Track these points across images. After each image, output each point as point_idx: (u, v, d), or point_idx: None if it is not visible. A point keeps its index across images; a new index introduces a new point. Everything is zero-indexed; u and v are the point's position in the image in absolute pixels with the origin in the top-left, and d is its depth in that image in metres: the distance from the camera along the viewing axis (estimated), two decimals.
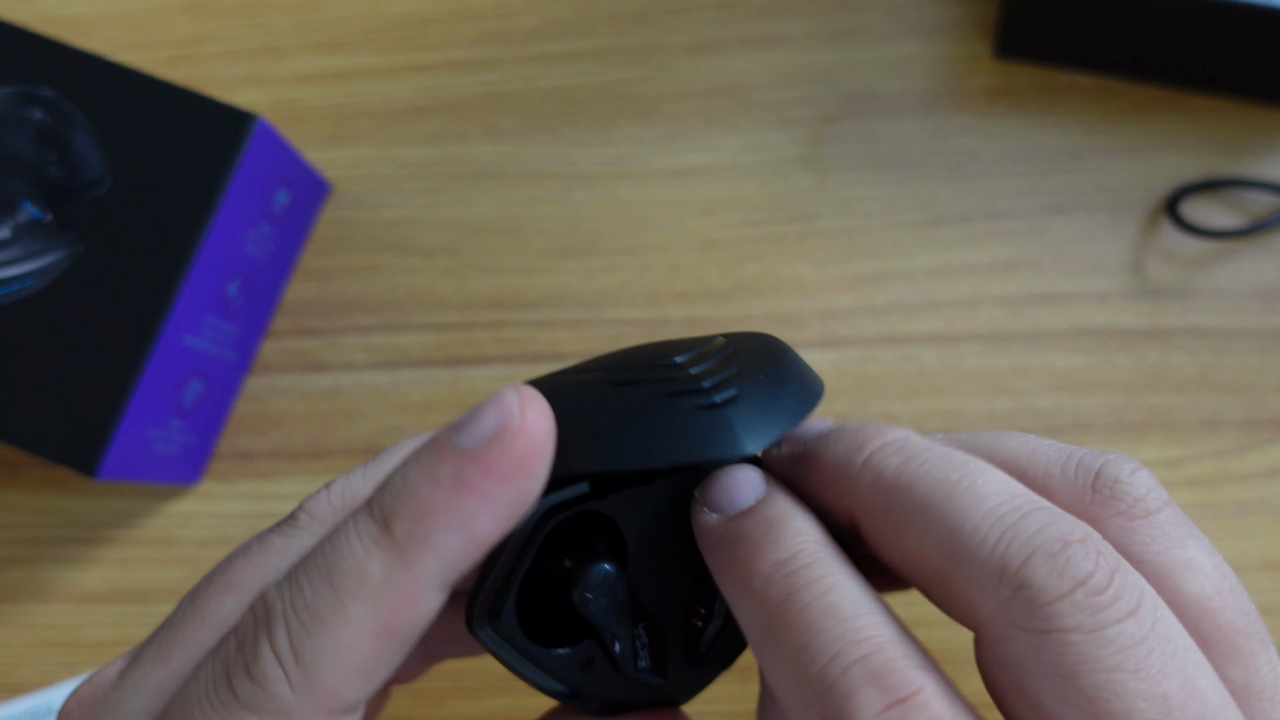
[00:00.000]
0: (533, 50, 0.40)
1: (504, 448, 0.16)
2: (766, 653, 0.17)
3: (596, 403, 0.20)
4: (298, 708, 0.16)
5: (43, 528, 0.37)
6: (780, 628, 0.16)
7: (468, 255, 0.39)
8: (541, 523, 0.20)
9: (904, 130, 0.39)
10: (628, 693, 0.21)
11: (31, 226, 0.32)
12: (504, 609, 0.20)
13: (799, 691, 0.16)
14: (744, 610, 0.18)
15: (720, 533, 0.19)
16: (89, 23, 0.42)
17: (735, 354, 0.21)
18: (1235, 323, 0.37)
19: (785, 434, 0.19)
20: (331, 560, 0.16)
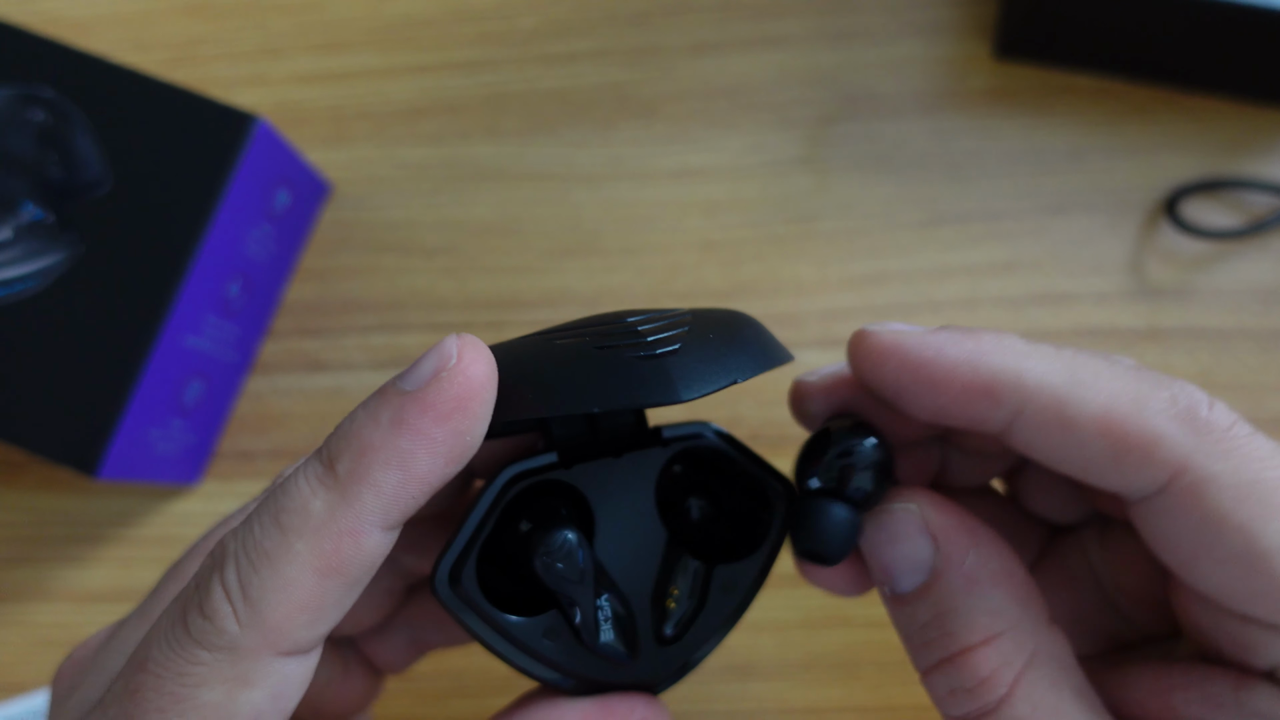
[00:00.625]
0: (533, 51, 0.41)
1: (440, 388, 0.17)
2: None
3: (541, 355, 0.20)
4: (245, 643, 0.16)
5: (44, 527, 0.37)
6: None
7: (468, 255, 0.39)
8: (506, 488, 0.21)
9: (904, 131, 0.39)
10: (596, 669, 0.21)
11: (33, 227, 0.33)
12: (464, 571, 0.20)
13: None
14: None
15: (894, 615, 0.19)
16: (90, 24, 0.42)
17: (693, 320, 0.21)
18: (1234, 323, 0.37)
19: (728, 385, 0.19)
20: (280, 499, 0.17)
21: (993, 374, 0.16)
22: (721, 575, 0.22)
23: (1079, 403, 0.16)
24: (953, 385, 0.17)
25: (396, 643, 0.26)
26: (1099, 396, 0.16)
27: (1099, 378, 0.16)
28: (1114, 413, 0.16)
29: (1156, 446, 0.16)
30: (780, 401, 0.37)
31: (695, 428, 0.23)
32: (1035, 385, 0.16)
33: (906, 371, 0.17)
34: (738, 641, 0.22)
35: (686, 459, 0.23)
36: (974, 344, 0.17)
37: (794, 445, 0.36)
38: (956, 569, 0.17)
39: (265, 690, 0.17)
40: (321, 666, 0.23)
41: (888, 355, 0.17)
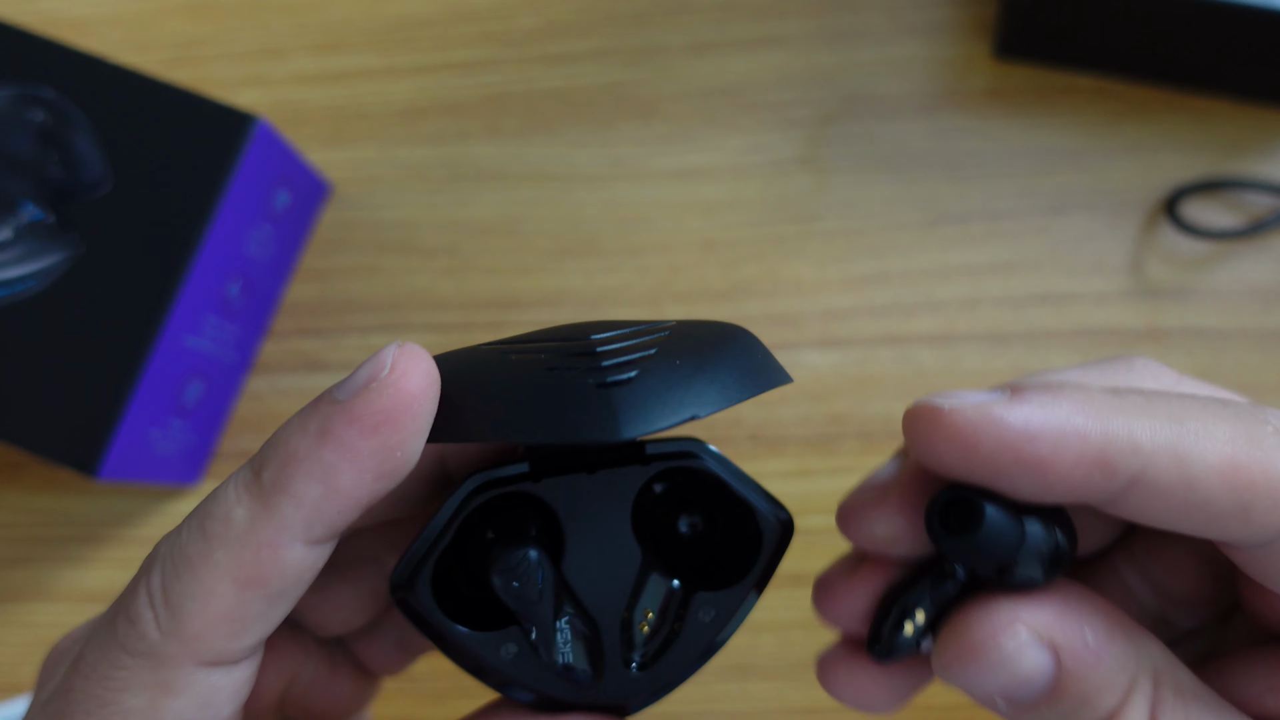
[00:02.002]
0: (533, 51, 0.41)
1: (369, 399, 0.16)
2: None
3: (486, 371, 0.18)
4: (166, 650, 0.16)
5: (44, 527, 0.37)
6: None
7: (468, 256, 0.39)
8: (469, 498, 0.20)
9: (903, 131, 0.39)
10: (558, 689, 0.20)
11: (33, 227, 0.33)
12: (418, 580, 0.19)
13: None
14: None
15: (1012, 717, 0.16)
16: (90, 24, 0.42)
17: (668, 337, 0.20)
18: (1234, 323, 0.37)
19: (684, 422, 0.17)
20: (207, 505, 0.16)
21: (1105, 442, 0.14)
22: (702, 600, 0.21)
23: (1200, 458, 0.14)
24: (1062, 462, 0.14)
25: (386, 644, 0.25)
26: (1217, 446, 0.14)
27: (1207, 424, 0.14)
28: (1238, 462, 0.14)
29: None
30: (781, 400, 0.37)
31: (684, 445, 0.21)
32: (1151, 448, 0.14)
33: (1005, 453, 0.14)
34: (738, 641, 0.22)
35: (672, 476, 0.22)
36: (1074, 409, 0.14)
37: (796, 445, 0.36)
38: (1080, 660, 0.15)
39: (190, 700, 0.16)
40: (306, 667, 0.23)
41: (980, 437, 0.14)
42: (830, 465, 0.36)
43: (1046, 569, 0.14)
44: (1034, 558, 0.14)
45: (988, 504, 0.14)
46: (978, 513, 0.14)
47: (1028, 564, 0.14)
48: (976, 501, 0.14)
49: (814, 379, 0.37)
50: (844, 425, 0.37)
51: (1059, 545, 0.15)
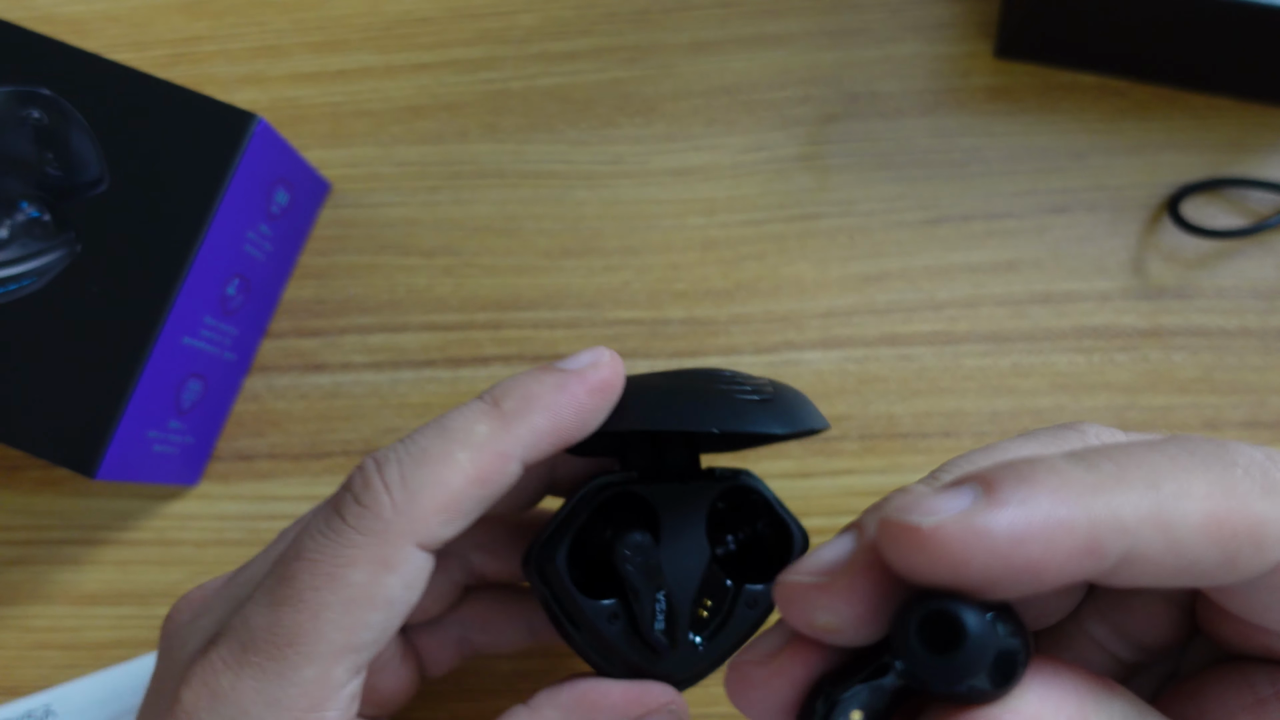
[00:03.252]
0: (532, 49, 0.40)
1: (595, 370, 0.22)
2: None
3: (664, 386, 0.25)
4: (393, 528, 0.20)
5: (41, 529, 0.37)
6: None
7: (467, 255, 0.39)
8: (597, 492, 0.26)
9: (905, 129, 0.39)
10: (640, 656, 0.25)
11: (30, 226, 0.32)
12: (558, 553, 0.25)
13: None
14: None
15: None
16: (87, 21, 0.41)
17: (769, 383, 0.26)
18: (1237, 323, 0.37)
19: (801, 432, 0.24)
20: (445, 421, 0.21)
21: (1091, 529, 0.13)
22: (747, 594, 0.26)
23: (1183, 521, 0.14)
24: (1054, 559, 0.13)
25: (446, 639, 0.28)
26: (1197, 505, 0.14)
27: (1182, 482, 0.14)
28: (1218, 516, 0.14)
29: (1264, 529, 0.14)
30: None
31: (742, 472, 0.28)
32: (1136, 523, 0.13)
33: (997, 564, 0.13)
34: None
35: (729, 496, 0.28)
36: (1054, 501, 0.13)
37: (797, 446, 0.36)
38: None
39: (401, 577, 0.20)
40: (389, 647, 0.26)
41: (969, 554, 0.13)
42: (831, 466, 0.36)
43: (1004, 677, 0.14)
44: (996, 668, 0.14)
45: (968, 616, 0.13)
46: (962, 631, 0.13)
47: (991, 675, 0.14)
48: (961, 617, 0.13)
49: (815, 379, 0.37)
50: (845, 426, 0.36)
51: (1016, 652, 0.14)
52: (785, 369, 0.37)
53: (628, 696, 0.24)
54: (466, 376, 0.38)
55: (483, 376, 0.37)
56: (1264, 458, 0.15)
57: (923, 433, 0.36)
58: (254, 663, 0.20)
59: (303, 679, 0.19)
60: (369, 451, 0.37)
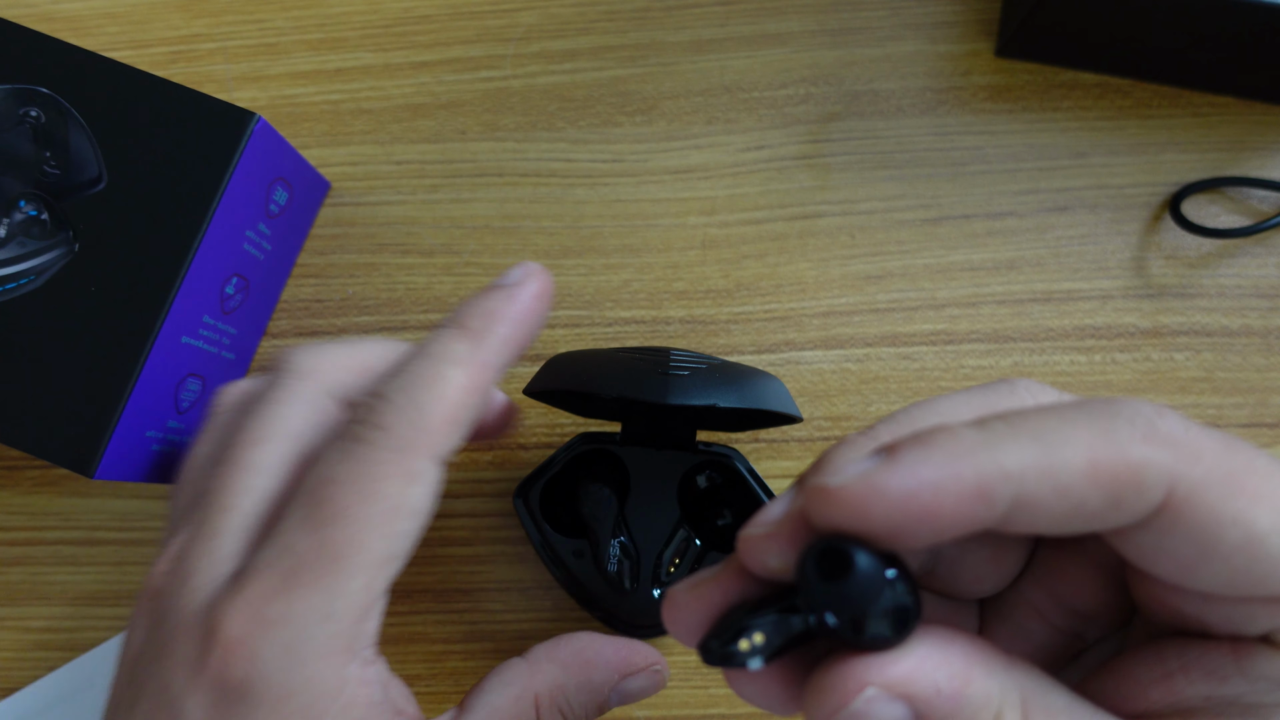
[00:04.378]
0: (532, 48, 0.40)
1: (533, 280, 0.25)
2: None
3: (598, 357, 0.29)
4: (413, 444, 0.22)
5: (40, 529, 0.37)
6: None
7: (467, 254, 0.39)
8: (576, 444, 0.32)
9: (906, 128, 0.39)
10: (602, 592, 0.31)
11: (28, 225, 0.32)
12: (532, 491, 0.32)
13: None
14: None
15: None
16: (86, 20, 0.41)
17: (722, 364, 0.29)
18: (1238, 322, 0.37)
19: (707, 405, 0.27)
20: (427, 349, 0.23)
21: (978, 478, 0.15)
22: (712, 559, 0.31)
23: (1064, 467, 0.15)
24: (945, 507, 0.15)
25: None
26: (1078, 451, 0.15)
27: (1064, 431, 0.16)
28: (1098, 461, 0.15)
29: (1144, 473, 0.15)
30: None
31: (726, 449, 0.32)
32: (1020, 470, 0.15)
33: (894, 513, 0.15)
34: None
35: (718, 469, 0.32)
36: (943, 456, 0.15)
37: (797, 446, 0.36)
38: (934, 707, 0.16)
39: (424, 487, 0.22)
40: None
41: (868, 506, 0.15)
42: None
43: (897, 627, 0.16)
44: (886, 616, 0.15)
45: (859, 553, 0.15)
46: (849, 562, 0.15)
47: (880, 622, 0.15)
48: (849, 551, 0.15)
49: (815, 378, 0.37)
50: (845, 426, 0.36)
51: (908, 604, 0.16)
52: (786, 368, 0.37)
53: (619, 655, 0.26)
54: None
55: None
56: (1152, 411, 0.16)
57: None
58: (305, 582, 0.21)
59: (352, 590, 0.21)
60: None
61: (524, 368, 0.38)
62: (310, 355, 0.26)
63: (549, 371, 0.30)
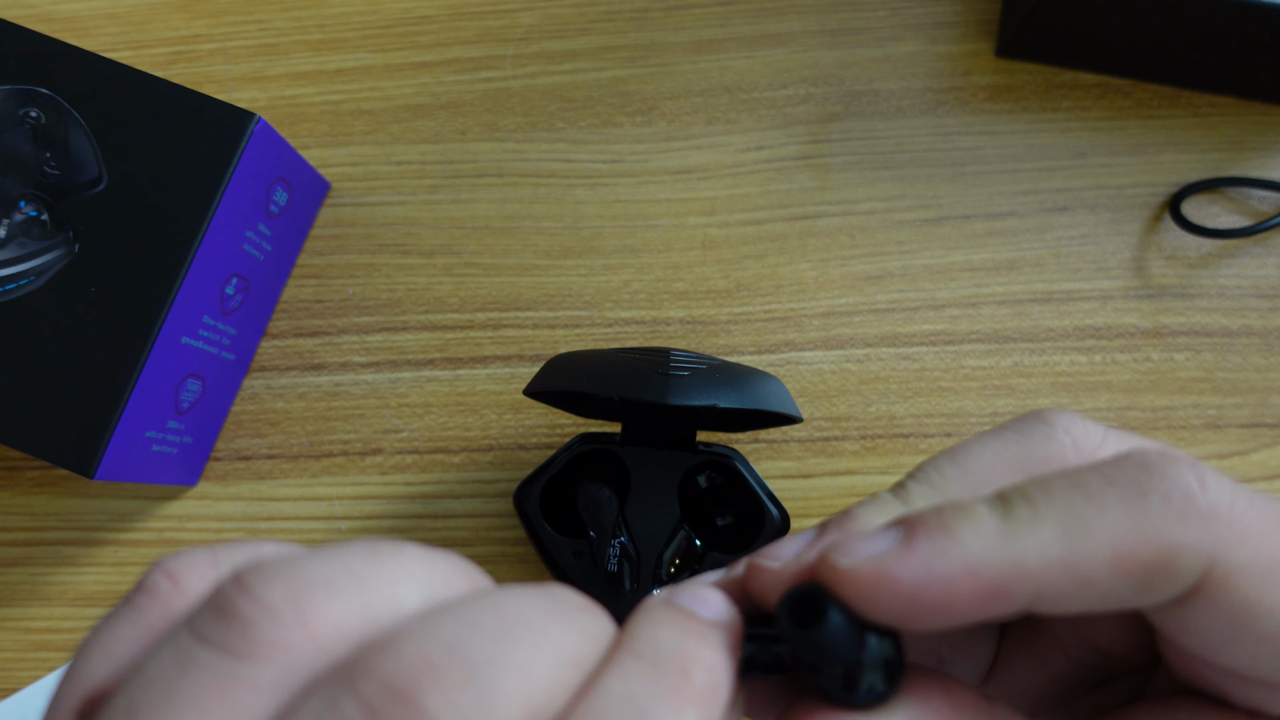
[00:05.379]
0: (532, 48, 0.40)
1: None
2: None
3: (599, 357, 0.29)
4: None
5: (40, 529, 0.37)
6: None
7: (467, 255, 0.39)
8: (576, 444, 0.32)
9: (906, 128, 0.39)
10: (601, 591, 0.30)
11: (27, 226, 0.32)
12: (532, 491, 0.32)
13: None
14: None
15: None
16: (86, 20, 0.41)
17: (722, 364, 0.29)
18: (1239, 322, 0.36)
19: (707, 405, 0.27)
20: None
21: (996, 576, 0.14)
22: (712, 559, 0.31)
23: (1089, 559, 0.14)
24: (958, 602, 0.14)
25: None
26: (1102, 542, 0.14)
27: (1089, 517, 0.15)
28: (1123, 550, 0.14)
29: (1177, 559, 0.14)
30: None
31: (726, 450, 0.32)
32: (1041, 569, 0.14)
33: (903, 604, 0.14)
34: None
35: (718, 469, 0.32)
36: (961, 550, 0.15)
37: (797, 446, 0.36)
38: None
39: None
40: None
41: (878, 594, 0.15)
42: (832, 466, 0.36)
43: (873, 687, 0.15)
44: (861, 675, 0.15)
45: (833, 609, 0.15)
46: (822, 614, 0.15)
47: (855, 680, 0.15)
48: (824, 604, 0.15)
49: (815, 379, 0.37)
50: (845, 426, 0.36)
51: (889, 663, 0.15)
52: (786, 368, 0.37)
53: None
54: (466, 376, 0.37)
55: (482, 376, 0.37)
56: (1194, 481, 0.15)
57: (924, 433, 0.36)
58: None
59: None
60: (368, 451, 0.37)
61: (524, 368, 0.38)
62: (294, 595, 0.13)
63: (549, 372, 0.30)
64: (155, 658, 0.13)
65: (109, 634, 0.14)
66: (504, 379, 0.37)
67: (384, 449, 0.37)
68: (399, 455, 0.37)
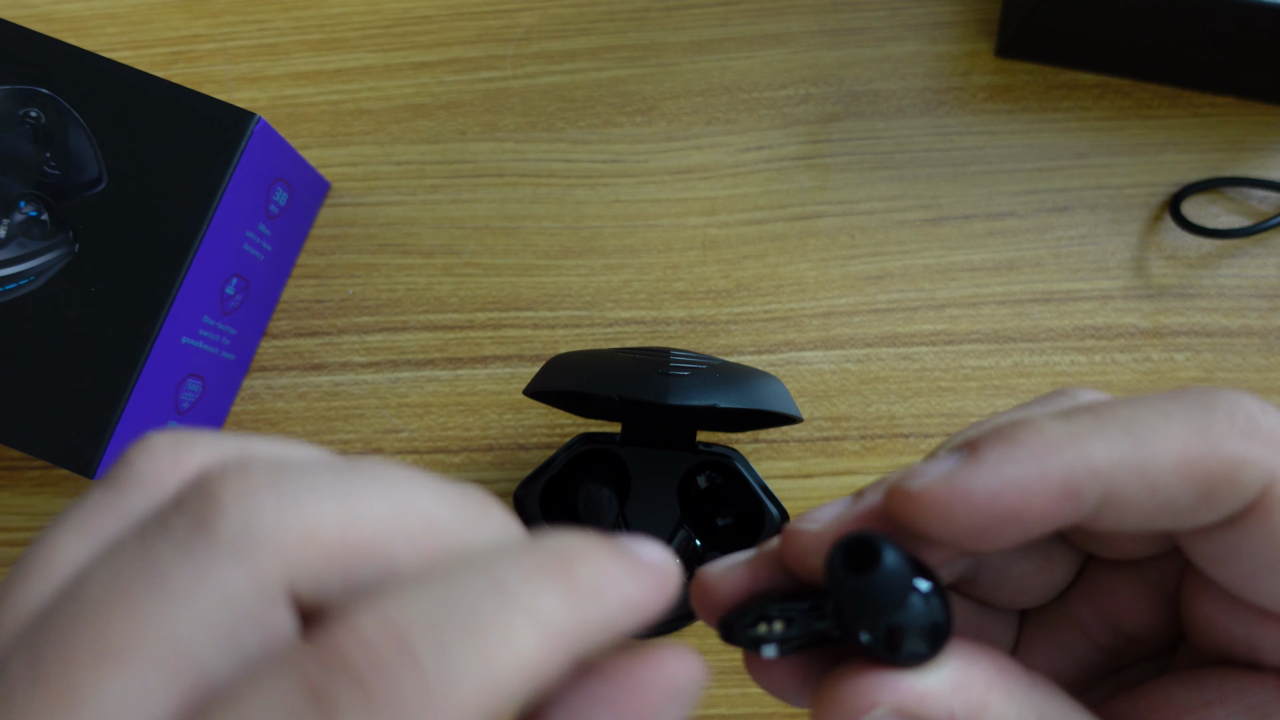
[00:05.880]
0: (532, 48, 0.40)
1: (668, 578, 0.16)
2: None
3: (599, 357, 0.30)
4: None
5: (40, 529, 0.37)
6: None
7: (467, 255, 0.39)
8: (576, 444, 0.32)
9: (906, 128, 0.39)
10: None
11: (28, 226, 0.32)
12: (532, 491, 0.32)
13: None
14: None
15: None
16: (86, 21, 0.41)
17: (722, 364, 0.29)
18: (1239, 322, 0.36)
19: (707, 405, 0.27)
20: (497, 567, 0.13)
21: (1066, 475, 0.15)
22: (712, 559, 0.30)
23: (1155, 462, 0.15)
24: (1032, 507, 0.15)
25: None
26: (1169, 446, 0.15)
27: (1155, 424, 0.15)
28: (1190, 456, 0.15)
29: (1240, 470, 0.15)
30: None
31: (726, 450, 0.32)
32: (1109, 466, 0.15)
33: (979, 516, 0.15)
34: None
35: (718, 470, 0.32)
36: (1029, 454, 0.15)
37: (797, 446, 0.36)
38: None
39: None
40: None
41: (953, 509, 0.15)
42: (832, 466, 0.36)
43: (922, 643, 0.15)
44: (911, 630, 0.15)
45: (886, 546, 0.15)
46: (877, 556, 0.15)
47: (905, 637, 0.15)
48: (879, 546, 0.15)
49: (815, 379, 0.37)
50: (845, 426, 0.36)
51: (937, 621, 0.15)
52: (786, 368, 0.37)
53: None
54: (466, 376, 0.37)
55: (482, 376, 0.37)
56: (1255, 405, 0.15)
57: (924, 433, 0.36)
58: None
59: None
60: (368, 451, 0.37)
61: (524, 368, 0.38)
62: (273, 499, 0.12)
63: (549, 372, 0.30)
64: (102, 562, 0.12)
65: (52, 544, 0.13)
66: (504, 379, 0.37)
67: (384, 449, 0.37)
68: (399, 455, 0.37)
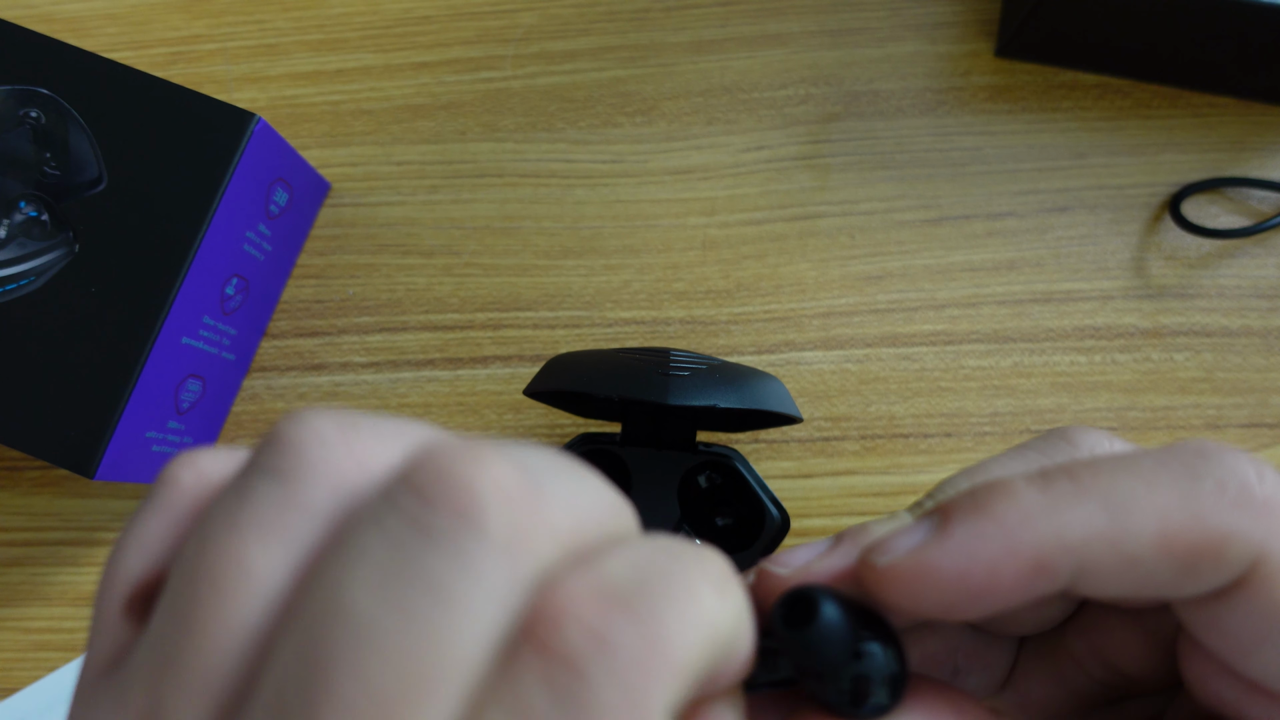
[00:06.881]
0: (532, 49, 0.40)
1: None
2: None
3: (599, 357, 0.30)
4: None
5: (40, 529, 0.37)
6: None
7: (467, 255, 0.39)
8: (576, 444, 0.31)
9: (905, 128, 0.39)
10: None
11: (28, 226, 0.32)
12: None
13: None
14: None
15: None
16: (86, 21, 0.41)
17: (722, 364, 0.29)
18: (1239, 322, 0.36)
19: (707, 406, 0.27)
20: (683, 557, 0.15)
21: (1037, 552, 0.14)
22: None
23: (1133, 537, 0.14)
24: (1001, 584, 0.14)
25: None
26: (1149, 519, 0.14)
27: (1137, 493, 0.14)
28: (1172, 529, 0.14)
29: (1227, 544, 0.14)
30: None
31: (726, 450, 0.32)
32: (1084, 542, 0.14)
33: (946, 594, 0.14)
34: None
35: (718, 470, 0.32)
36: (1000, 528, 0.14)
37: (797, 446, 0.36)
38: None
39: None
40: None
41: (919, 587, 0.14)
42: (832, 467, 0.36)
43: (882, 692, 0.15)
44: (860, 682, 0.14)
45: (825, 609, 0.14)
46: (812, 615, 0.14)
47: (855, 688, 0.14)
48: (816, 605, 0.14)
49: (815, 379, 0.37)
50: (845, 426, 0.36)
51: (891, 673, 0.15)
52: (785, 369, 0.37)
53: None
54: (466, 376, 0.37)
55: (482, 376, 0.37)
56: (1251, 471, 0.14)
57: (924, 433, 0.36)
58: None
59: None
60: None
61: (524, 368, 0.38)
62: (528, 495, 0.12)
63: (549, 372, 0.30)
64: (217, 503, 0.13)
65: (140, 530, 0.14)
66: (504, 379, 0.37)
67: None
68: None
